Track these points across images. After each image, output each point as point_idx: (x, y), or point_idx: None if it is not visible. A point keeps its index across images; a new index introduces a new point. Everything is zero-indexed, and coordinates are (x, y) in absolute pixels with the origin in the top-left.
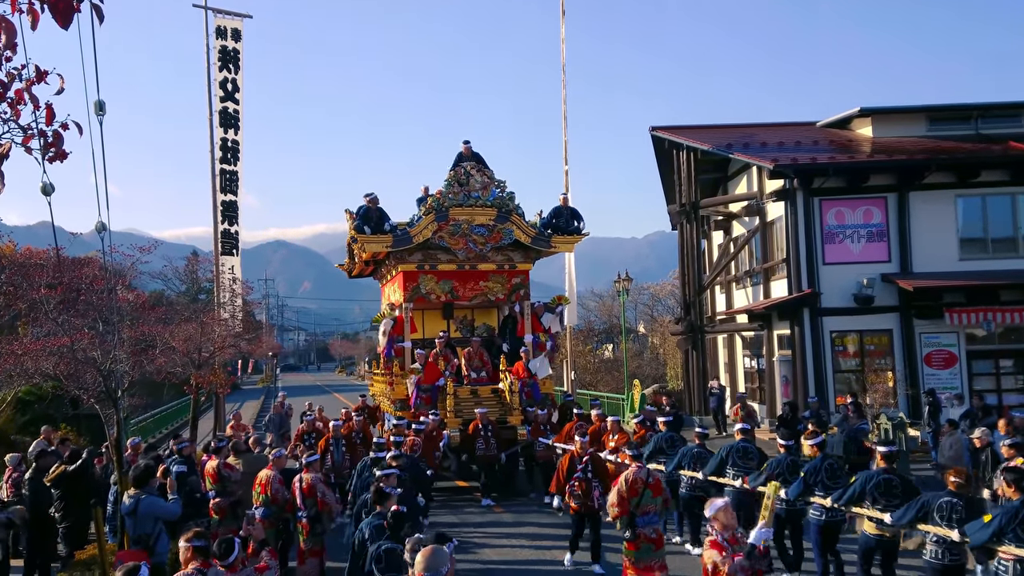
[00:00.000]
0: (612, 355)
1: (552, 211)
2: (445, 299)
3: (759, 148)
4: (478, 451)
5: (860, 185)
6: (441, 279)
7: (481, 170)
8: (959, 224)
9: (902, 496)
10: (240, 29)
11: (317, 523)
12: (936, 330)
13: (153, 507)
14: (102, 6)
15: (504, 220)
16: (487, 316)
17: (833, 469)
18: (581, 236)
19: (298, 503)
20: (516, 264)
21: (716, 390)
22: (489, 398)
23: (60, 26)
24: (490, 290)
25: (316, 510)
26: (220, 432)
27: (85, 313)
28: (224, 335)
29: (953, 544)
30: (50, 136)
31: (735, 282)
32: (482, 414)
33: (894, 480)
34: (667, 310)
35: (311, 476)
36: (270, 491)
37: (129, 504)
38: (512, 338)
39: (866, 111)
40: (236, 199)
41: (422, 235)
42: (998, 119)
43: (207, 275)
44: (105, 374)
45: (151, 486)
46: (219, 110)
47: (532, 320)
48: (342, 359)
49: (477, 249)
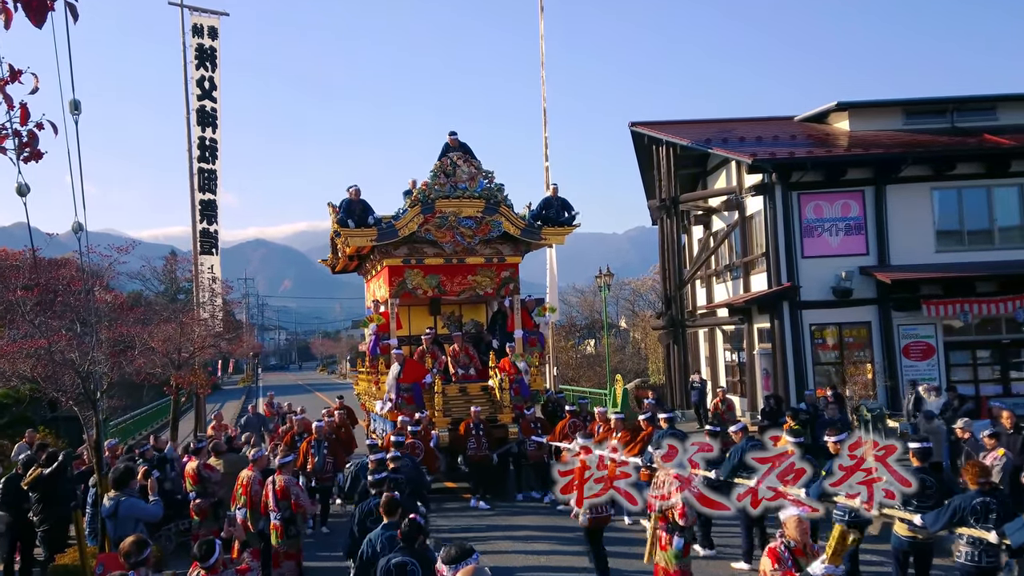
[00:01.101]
0: (594, 350)
1: (542, 202)
2: (432, 294)
3: (738, 143)
4: (469, 451)
5: (838, 179)
6: (428, 273)
7: (468, 160)
8: (935, 217)
9: (937, 496)
10: (217, 27)
11: (292, 525)
12: (914, 322)
13: (133, 509)
14: (77, 5)
15: (492, 212)
16: (475, 312)
17: None
18: (572, 227)
19: (271, 505)
20: (505, 257)
21: (697, 384)
22: (479, 396)
23: (34, 25)
24: (479, 284)
25: (290, 512)
26: (201, 433)
27: (62, 314)
28: (204, 335)
29: (989, 545)
30: (25, 136)
31: (715, 276)
32: (475, 412)
33: (928, 480)
34: (648, 305)
35: (285, 478)
36: (251, 492)
37: (109, 506)
38: (502, 333)
39: (843, 105)
40: (215, 198)
41: (408, 228)
42: (973, 112)
43: (186, 275)
44: (83, 376)
45: (131, 488)
46: (196, 108)
47: (522, 315)
48: (323, 358)
49: (465, 242)
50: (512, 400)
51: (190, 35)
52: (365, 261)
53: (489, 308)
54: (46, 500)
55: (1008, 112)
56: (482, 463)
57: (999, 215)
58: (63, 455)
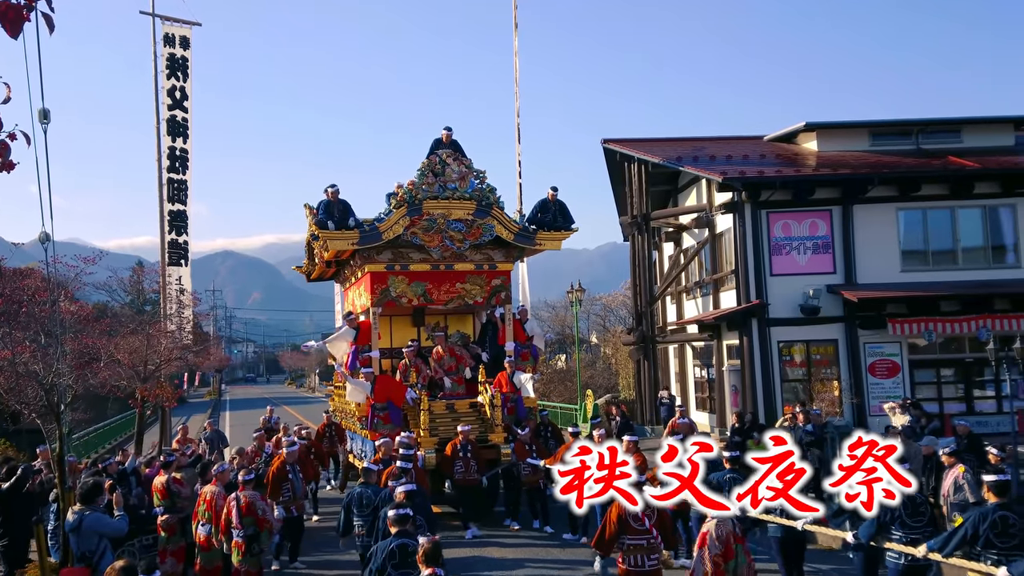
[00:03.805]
0: (565, 365)
1: (537, 205)
2: (418, 303)
3: (708, 161)
4: (457, 475)
5: (806, 198)
6: (413, 281)
7: (458, 159)
8: (901, 236)
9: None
10: (189, 37)
11: (255, 542)
12: (880, 340)
13: (97, 524)
14: (52, 16)
15: (484, 215)
16: (461, 323)
17: None
18: (570, 232)
19: (234, 522)
20: (497, 264)
21: (667, 400)
22: (467, 413)
23: (9, 35)
24: (468, 293)
25: (255, 528)
26: (166, 447)
27: (27, 325)
28: (171, 347)
29: None
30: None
31: (686, 293)
32: (464, 431)
33: (1011, 517)
34: (619, 320)
35: (249, 493)
36: (215, 508)
37: (73, 520)
38: (492, 346)
39: (811, 126)
40: (185, 208)
41: (393, 231)
42: (938, 134)
43: (153, 286)
44: (47, 388)
45: (97, 503)
46: (167, 118)
47: (515, 326)
48: (292, 371)
49: (454, 246)
50: (505, 419)
51: (161, 44)
52: (344, 267)
53: (476, 319)
54: (6, 514)
55: (972, 135)
56: (471, 488)
57: (963, 236)
58: (22, 469)
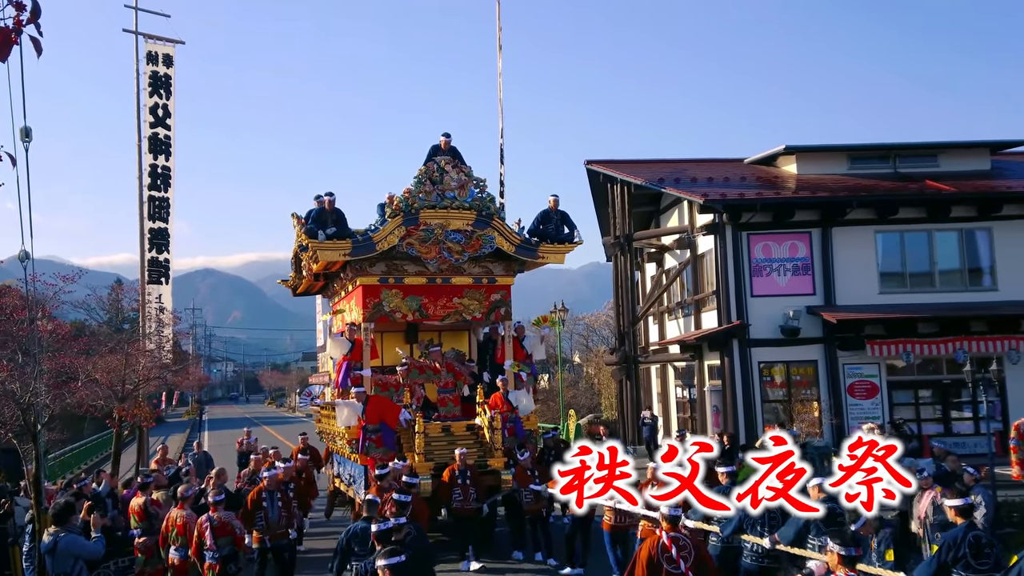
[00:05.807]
0: (548, 385)
1: (539, 216)
2: (412, 318)
3: (690, 183)
4: (455, 503)
5: (786, 220)
6: (408, 295)
7: (457, 166)
8: (879, 259)
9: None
10: (172, 55)
11: (231, 562)
12: (858, 361)
13: (72, 545)
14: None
15: (484, 225)
16: (457, 339)
17: None
18: (574, 245)
19: (208, 543)
20: (496, 278)
21: (648, 420)
22: (465, 436)
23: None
24: (465, 308)
25: (232, 548)
26: (144, 467)
27: (4, 344)
28: (150, 367)
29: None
30: None
31: (668, 313)
32: (461, 456)
33: (984, 539)
34: (602, 340)
35: (223, 514)
36: (188, 531)
37: (48, 542)
38: (492, 365)
39: (791, 149)
40: (167, 226)
41: (387, 241)
42: (915, 158)
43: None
44: (24, 407)
45: (72, 524)
46: (149, 136)
47: (514, 344)
48: (272, 391)
49: (452, 259)
50: (505, 442)
51: (144, 62)
52: (333, 280)
53: (473, 335)
54: None
55: (949, 159)
56: (470, 516)
57: (940, 259)
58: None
